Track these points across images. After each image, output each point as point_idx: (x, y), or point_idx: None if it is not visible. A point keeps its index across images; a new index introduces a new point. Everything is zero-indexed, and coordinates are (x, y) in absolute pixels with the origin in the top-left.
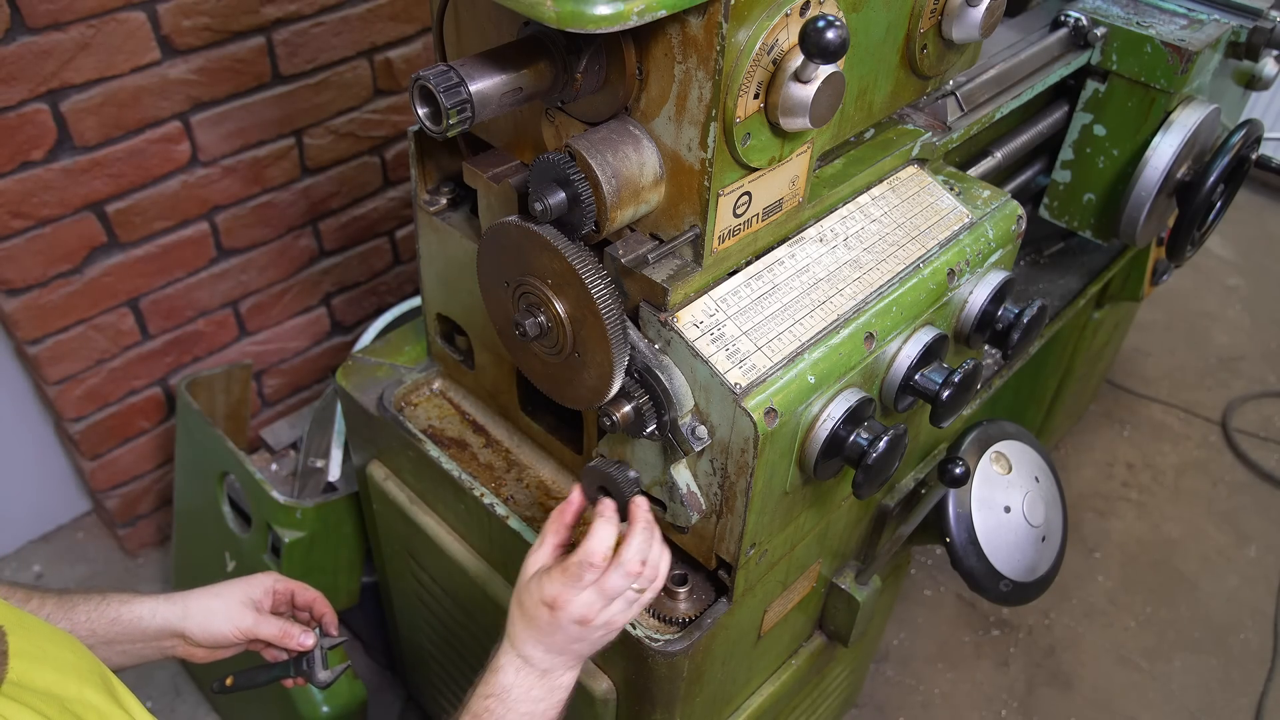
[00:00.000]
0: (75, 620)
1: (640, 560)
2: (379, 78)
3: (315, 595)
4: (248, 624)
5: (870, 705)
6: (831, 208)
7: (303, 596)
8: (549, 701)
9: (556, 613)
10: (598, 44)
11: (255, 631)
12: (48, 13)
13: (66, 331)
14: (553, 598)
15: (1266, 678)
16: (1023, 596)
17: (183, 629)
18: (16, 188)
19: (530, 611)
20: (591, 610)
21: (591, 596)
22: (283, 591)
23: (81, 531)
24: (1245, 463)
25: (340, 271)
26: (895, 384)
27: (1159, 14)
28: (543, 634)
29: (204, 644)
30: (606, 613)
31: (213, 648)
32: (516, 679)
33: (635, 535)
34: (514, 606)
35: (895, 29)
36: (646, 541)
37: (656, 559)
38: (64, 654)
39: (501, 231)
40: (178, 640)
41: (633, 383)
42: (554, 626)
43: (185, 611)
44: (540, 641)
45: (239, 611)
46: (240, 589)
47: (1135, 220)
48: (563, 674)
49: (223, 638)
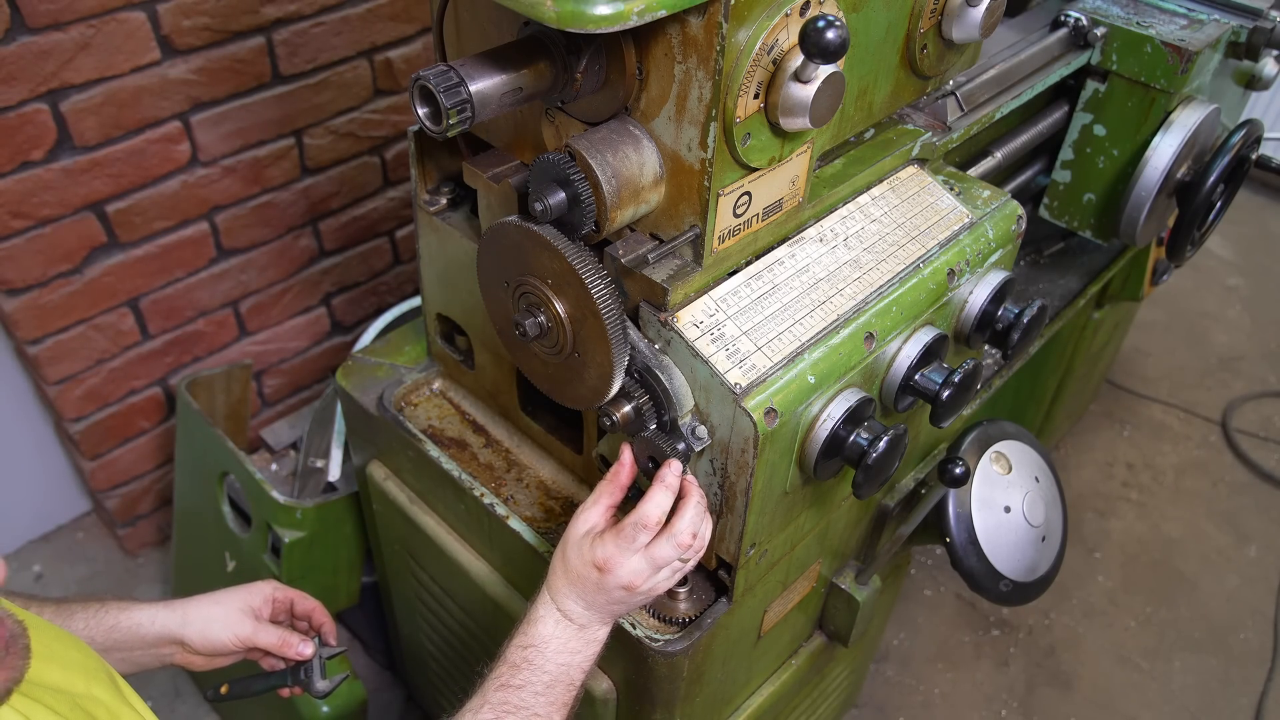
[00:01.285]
0: (73, 628)
1: (691, 533)
2: (379, 78)
3: (314, 605)
4: (246, 632)
5: (870, 705)
6: (831, 208)
7: (302, 605)
8: (585, 654)
9: (605, 575)
10: (598, 44)
11: (254, 640)
12: (48, 13)
13: (66, 331)
14: (604, 560)
15: (1266, 678)
16: (1023, 596)
17: (181, 636)
18: (16, 188)
19: (577, 570)
20: (639, 577)
21: (641, 563)
22: (282, 600)
23: (81, 531)
24: (1245, 463)
25: (340, 271)
26: (895, 384)
27: (1159, 14)
28: (587, 592)
29: (203, 651)
30: (652, 580)
31: (211, 655)
32: (555, 630)
33: (690, 507)
34: (558, 561)
35: (895, 29)
36: (699, 515)
37: (705, 533)
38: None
39: (501, 231)
40: (176, 648)
41: (633, 383)
42: (600, 588)
43: (184, 619)
44: (582, 598)
45: (238, 619)
46: (240, 597)
47: (1135, 220)
48: (599, 629)
49: (221, 645)
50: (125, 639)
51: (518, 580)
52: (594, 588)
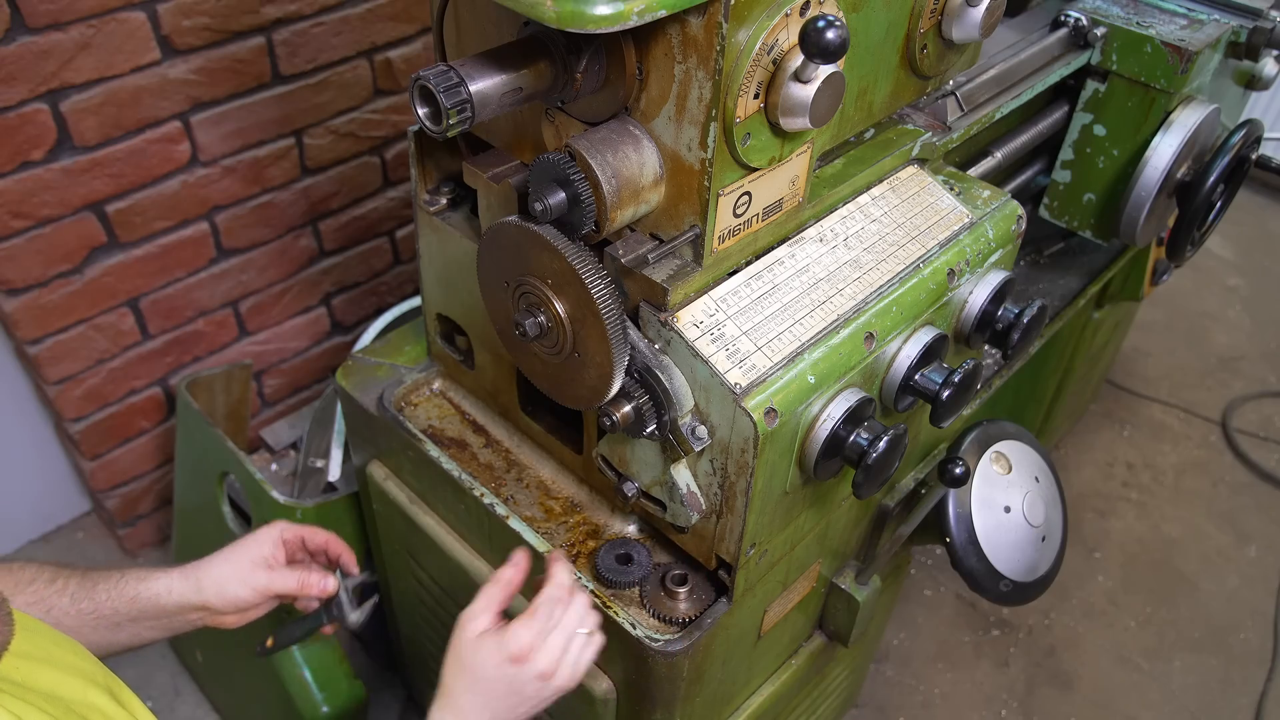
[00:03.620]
0: (98, 600)
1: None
2: (379, 78)
3: (328, 537)
4: (263, 583)
5: (870, 705)
6: (831, 208)
7: (314, 540)
8: None
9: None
10: (598, 44)
11: (272, 589)
12: (48, 13)
13: (66, 331)
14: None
15: (1266, 678)
16: (1023, 596)
17: (201, 602)
18: (16, 188)
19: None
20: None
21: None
22: (293, 539)
23: (81, 531)
24: (1245, 463)
25: (340, 271)
26: (895, 384)
27: (1159, 14)
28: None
29: (228, 611)
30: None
31: (238, 612)
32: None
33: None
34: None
35: (895, 29)
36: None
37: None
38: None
39: (501, 231)
40: (202, 613)
41: (633, 383)
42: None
43: (199, 586)
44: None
45: (251, 573)
46: (248, 550)
47: (1135, 220)
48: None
49: (244, 602)
50: (148, 609)
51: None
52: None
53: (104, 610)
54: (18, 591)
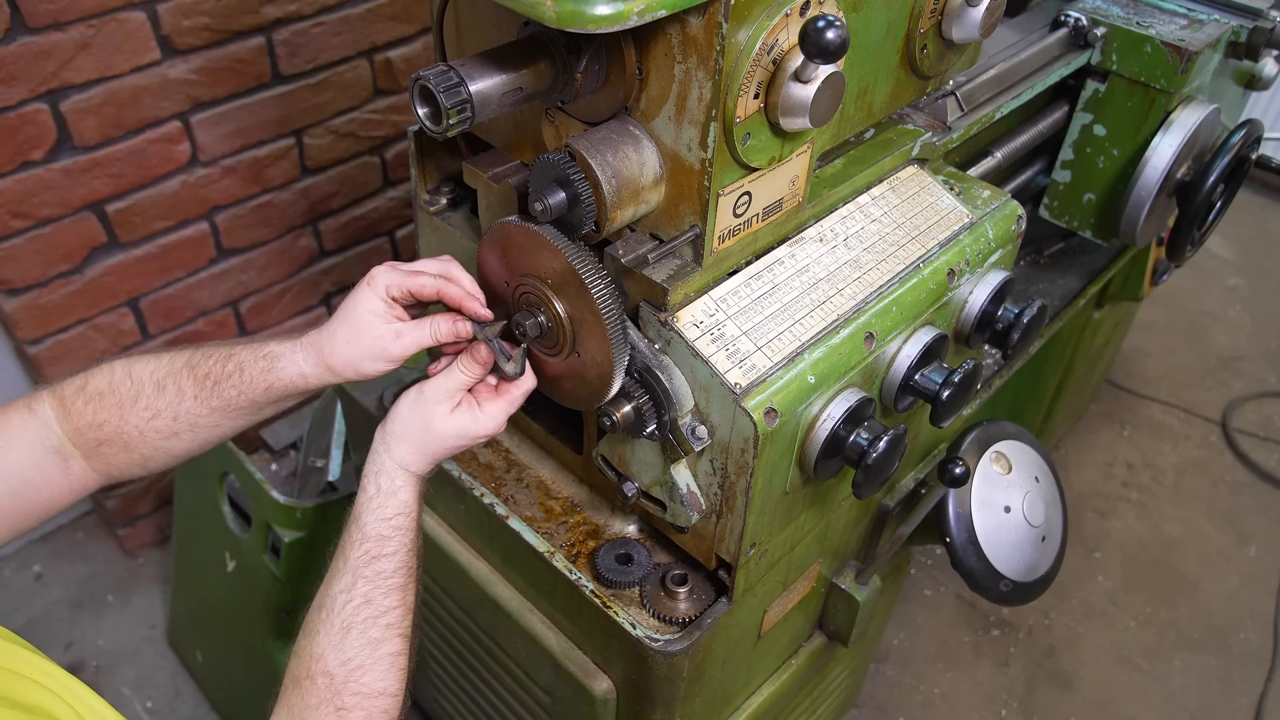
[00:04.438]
0: (226, 397)
1: None
2: (379, 78)
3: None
4: (397, 352)
5: (870, 705)
6: (831, 208)
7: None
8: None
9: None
10: (598, 44)
11: (408, 355)
12: (48, 13)
13: (66, 331)
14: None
15: (1266, 678)
16: (1023, 596)
17: (339, 381)
18: (16, 188)
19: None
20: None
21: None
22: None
23: (81, 531)
24: (1245, 463)
25: (340, 271)
26: (895, 384)
27: (1159, 14)
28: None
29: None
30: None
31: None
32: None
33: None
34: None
35: (895, 29)
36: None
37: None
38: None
39: (501, 231)
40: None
41: (633, 383)
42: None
43: (334, 371)
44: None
45: (377, 348)
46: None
47: (1135, 220)
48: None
49: (382, 371)
50: (288, 392)
51: (518, 580)
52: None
53: (240, 403)
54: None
